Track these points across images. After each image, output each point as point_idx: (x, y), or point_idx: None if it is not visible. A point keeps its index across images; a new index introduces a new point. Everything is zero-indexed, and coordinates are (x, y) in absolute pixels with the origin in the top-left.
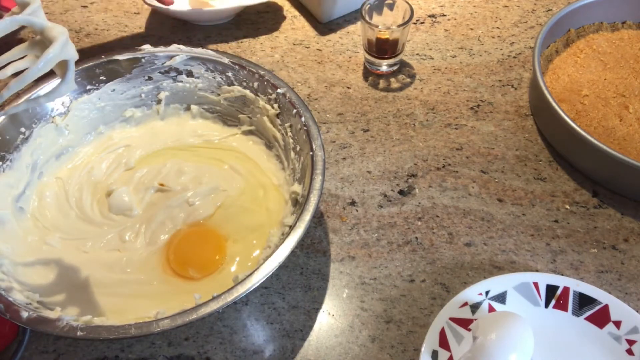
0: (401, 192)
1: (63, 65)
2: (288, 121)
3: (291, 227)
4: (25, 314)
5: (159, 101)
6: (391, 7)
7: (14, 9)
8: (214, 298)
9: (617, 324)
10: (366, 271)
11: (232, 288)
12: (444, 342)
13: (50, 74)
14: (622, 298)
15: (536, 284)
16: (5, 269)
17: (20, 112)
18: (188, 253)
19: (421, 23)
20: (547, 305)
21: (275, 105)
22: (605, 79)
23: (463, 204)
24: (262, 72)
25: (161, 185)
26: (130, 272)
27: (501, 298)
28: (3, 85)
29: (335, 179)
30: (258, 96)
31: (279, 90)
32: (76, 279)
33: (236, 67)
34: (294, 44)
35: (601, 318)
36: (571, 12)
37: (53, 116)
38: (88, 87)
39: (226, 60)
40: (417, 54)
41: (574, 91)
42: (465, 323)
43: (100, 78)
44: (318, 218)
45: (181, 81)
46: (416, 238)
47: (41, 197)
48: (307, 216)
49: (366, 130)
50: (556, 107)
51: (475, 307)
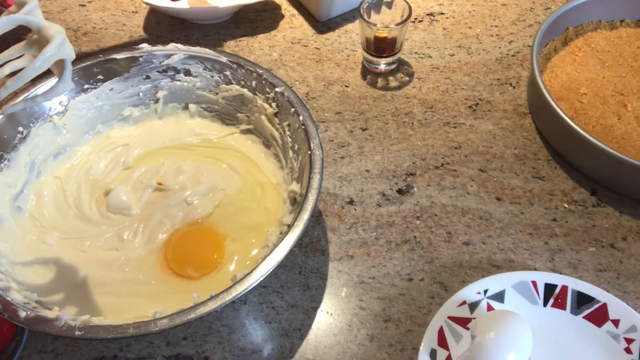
0: (400, 191)
1: (60, 64)
2: (286, 120)
3: (289, 226)
4: (23, 314)
5: (157, 100)
6: (389, 6)
7: (11, 8)
8: (213, 297)
9: (616, 323)
10: (365, 270)
11: (231, 287)
12: (443, 341)
13: (47, 73)
14: (621, 297)
15: (534, 283)
16: (3, 269)
17: (17, 111)
18: (186, 252)
19: (419, 21)
20: (546, 304)
21: (273, 104)
22: (603, 77)
23: (461, 203)
24: (260, 71)
25: (159, 184)
26: (128, 272)
27: (499, 297)
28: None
29: (333, 178)
30: (256, 95)
31: (277, 89)
32: (74, 279)
33: (234, 66)
34: (292, 43)
35: (599, 317)
36: (569, 11)
37: (51, 115)
38: (86, 86)
39: (224, 59)
40: (416, 53)
41: (572, 89)
42: (463, 322)
43: (98, 77)
44: (316, 217)
45: (179, 80)
46: (415, 237)
47: (39, 197)
48: (306, 215)
49: (364, 129)
50: (554, 106)
51: (473, 306)
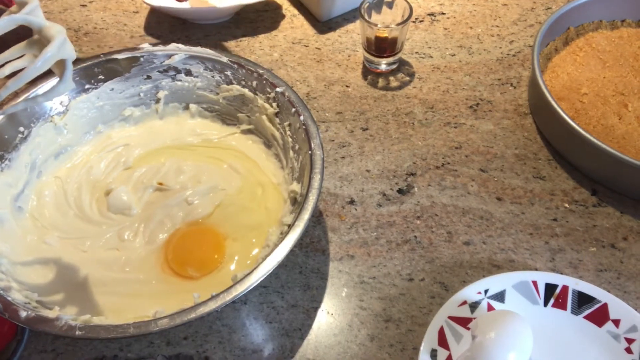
0: (400, 191)
1: (61, 64)
2: (287, 120)
3: (290, 226)
4: (24, 314)
5: (158, 100)
6: (390, 6)
7: (12, 8)
8: (213, 297)
9: (616, 323)
10: (365, 270)
11: (231, 287)
12: (443, 341)
13: (48, 73)
14: (621, 297)
15: (535, 283)
16: (4, 269)
17: (18, 112)
18: (187, 252)
19: (420, 21)
20: (546, 304)
21: (274, 104)
22: (604, 77)
23: (462, 203)
24: (261, 71)
25: (160, 184)
26: (129, 271)
27: (500, 297)
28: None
29: (334, 178)
30: (257, 95)
31: (278, 89)
32: (75, 278)
33: (235, 66)
34: (293, 43)
35: (600, 317)
36: (570, 11)
37: (52, 115)
38: (87, 86)
39: (225, 59)
40: (416, 53)
41: (573, 89)
42: (464, 322)
43: (99, 77)
44: (317, 217)
45: (180, 80)
46: (415, 237)
47: (40, 197)
48: (306, 215)
49: (365, 129)
50: (555, 106)
51: (474, 306)
